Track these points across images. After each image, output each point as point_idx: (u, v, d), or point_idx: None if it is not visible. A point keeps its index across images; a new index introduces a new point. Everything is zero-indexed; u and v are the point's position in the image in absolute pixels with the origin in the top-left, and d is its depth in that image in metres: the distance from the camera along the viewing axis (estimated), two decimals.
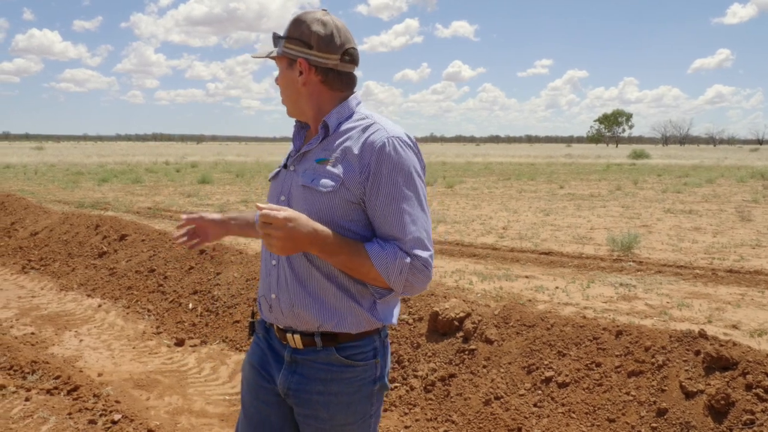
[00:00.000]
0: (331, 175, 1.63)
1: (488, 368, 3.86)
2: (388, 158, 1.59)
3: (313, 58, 1.70)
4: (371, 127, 1.65)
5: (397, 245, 1.58)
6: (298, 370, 1.73)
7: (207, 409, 4.06)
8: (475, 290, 6.51)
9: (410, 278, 1.58)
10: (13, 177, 23.77)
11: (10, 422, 3.78)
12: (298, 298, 1.68)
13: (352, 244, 1.59)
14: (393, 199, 1.59)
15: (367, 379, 1.72)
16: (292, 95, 1.76)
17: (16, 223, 10.05)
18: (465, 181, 24.61)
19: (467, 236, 10.35)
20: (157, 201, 15.39)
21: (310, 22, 1.69)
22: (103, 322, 5.84)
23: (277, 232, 1.50)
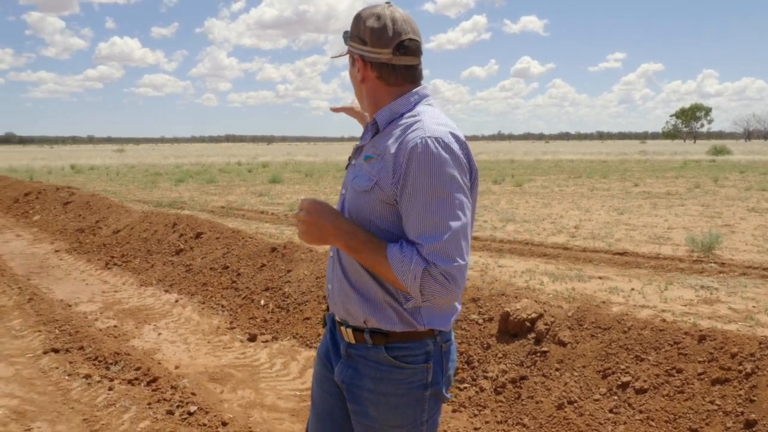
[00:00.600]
0: (368, 174, 1.62)
1: (561, 371, 3.76)
2: (417, 159, 1.52)
3: (367, 54, 1.68)
4: (413, 126, 1.59)
5: (417, 250, 1.51)
6: (352, 365, 1.73)
7: (278, 404, 4.13)
8: (546, 291, 6.36)
9: (426, 287, 1.49)
10: (97, 178, 25.00)
11: (95, 410, 3.97)
12: (345, 291, 1.71)
13: (375, 243, 1.57)
14: (416, 202, 1.52)
15: (417, 383, 1.68)
16: (356, 92, 1.79)
17: (100, 221, 10.56)
18: (534, 179, 24.15)
19: (537, 235, 10.14)
20: (230, 200, 15.83)
21: (366, 18, 1.68)
22: (180, 317, 6.05)
23: (302, 216, 1.57)
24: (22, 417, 3.83)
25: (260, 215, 12.59)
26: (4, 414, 3.85)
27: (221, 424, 3.74)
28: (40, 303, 6.27)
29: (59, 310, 6.06)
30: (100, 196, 13.03)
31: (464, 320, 4.53)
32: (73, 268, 8.29)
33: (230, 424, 3.75)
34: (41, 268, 8.23)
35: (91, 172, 30.27)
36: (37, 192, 14.50)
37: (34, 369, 4.62)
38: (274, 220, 11.80)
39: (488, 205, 14.71)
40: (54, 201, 13.19)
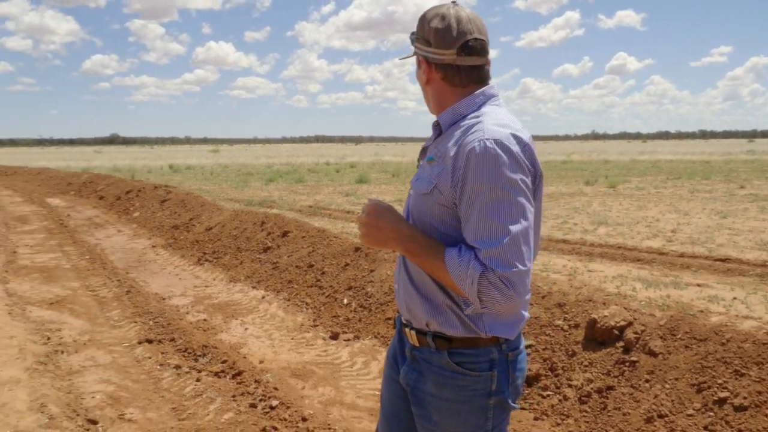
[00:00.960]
0: (429, 176, 1.61)
1: (651, 383, 3.56)
2: (475, 161, 1.47)
3: (431, 55, 1.65)
4: (473, 128, 1.55)
5: (474, 254, 1.46)
6: (416, 368, 1.73)
7: (357, 403, 4.15)
8: (638, 298, 6.06)
9: (484, 293, 1.43)
10: (193, 177, 26.16)
11: (183, 399, 4.13)
12: (409, 293, 1.70)
13: (433, 247, 1.54)
14: (474, 205, 1.47)
15: (480, 390, 1.64)
16: (423, 93, 1.76)
17: (194, 219, 11.03)
18: (629, 180, 23.15)
19: (631, 239, 9.70)
20: (317, 200, 16.14)
21: (431, 18, 1.65)
22: (266, 313, 6.21)
23: (363, 218, 1.59)
24: (117, 402, 4.04)
25: (346, 215, 12.75)
26: (101, 399, 4.07)
27: (301, 419, 3.80)
28: (137, 295, 6.61)
29: (154, 302, 6.36)
30: (194, 194, 13.62)
31: (549, 326, 4.38)
32: (168, 263, 8.70)
33: (310, 420, 3.80)
34: (139, 263, 8.69)
35: (187, 171, 31.73)
36: (137, 190, 15.35)
37: (129, 358, 4.87)
38: None
39: (579, 207, 14.23)
40: (152, 199, 13.92)
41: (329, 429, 3.71)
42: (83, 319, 5.89)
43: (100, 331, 5.53)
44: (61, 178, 23.33)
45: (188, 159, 50.99)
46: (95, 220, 13.15)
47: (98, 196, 16.99)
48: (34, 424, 3.45)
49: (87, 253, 9.22)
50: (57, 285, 7.21)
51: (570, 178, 24.12)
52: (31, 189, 21.34)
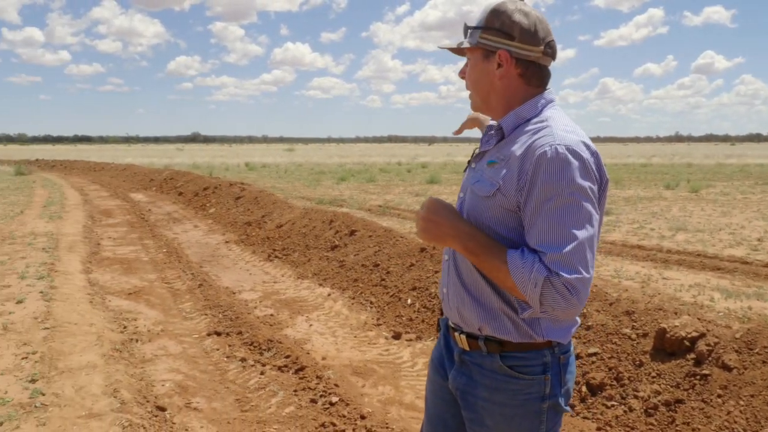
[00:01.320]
0: (491, 179, 1.58)
1: (724, 398, 3.38)
2: (545, 166, 1.46)
3: (515, 49, 1.60)
4: (541, 132, 1.53)
5: (539, 257, 1.43)
6: (465, 372, 1.71)
7: (416, 403, 4.14)
8: (716, 308, 5.78)
9: (546, 297, 1.41)
10: (268, 175, 26.86)
11: (247, 391, 4.24)
12: (460, 296, 1.67)
13: (495, 247, 1.51)
14: (542, 210, 1.45)
15: (534, 394, 1.62)
16: (483, 89, 1.68)
17: (265, 216, 11.31)
18: (713, 185, 22.09)
19: (711, 247, 9.26)
20: (387, 199, 16.23)
21: (512, 12, 1.61)
22: (331, 310, 6.29)
23: (422, 213, 1.58)
24: (185, 391, 4.19)
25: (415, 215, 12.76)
26: (170, 387, 4.24)
27: (360, 417, 3.83)
28: (209, 289, 6.84)
29: (224, 296, 6.57)
30: (267, 192, 13.96)
31: (616, 334, 4.24)
32: (240, 258, 8.95)
33: (368, 418, 3.82)
34: (212, 257, 8.99)
35: (262, 169, 32.59)
36: (213, 187, 15.88)
37: (198, 349, 5.04)
38: None
39: (658, 212, 13.70)
40: (227, 195, 14.37)
41: (387, 428, 3.72)
42: (158, 309, 6.15)
43: (173, 322, 5.76)
44: (144, 175, 24.44)
45: (264, 157, 52.35)
46: (174, 215, 13.70)
47: (177, 192, 17.69)
48: (107, 407, 3.63)
49: (164, 246, 9.63)
50: (135, 276, 7.56)
51: (649, 182, 23.25)
52: (117, 184, 22.47)
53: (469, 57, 1.71)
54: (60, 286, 6.41)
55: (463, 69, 1.74)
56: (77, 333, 4.94)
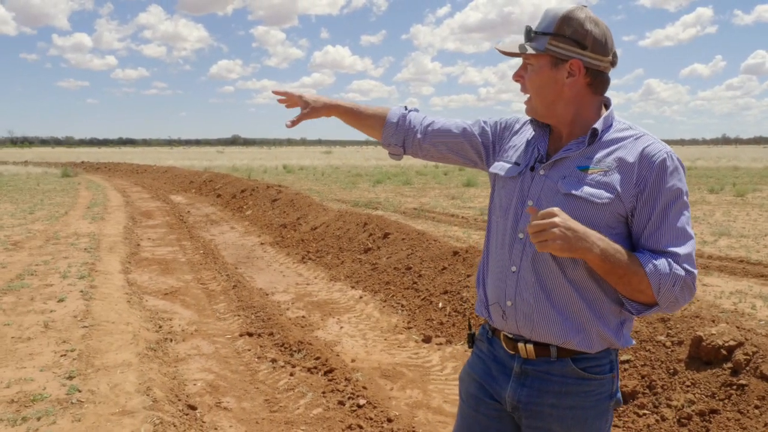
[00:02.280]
0: (605, 186, 1.56)
1: (762, 410, 3.27)
2: (667, 172, 1.53)
3: (586, 59, 1.59)
4: (644, 138, 1.59)
5: (670, 258, 1.51)
6: (527, 383, 1.67)
7: (444, 407, 4.12)
8: (757, 316, 5.60)
9: (680, 293, 1.50)
10: (305, 177, 27.09)
11: (276, 392, 4.28)
12: (540, 309, 1.62)
13: (625, 252, 1.52)
14: (670, 214, 1.53)
15: (604, 393, 1.65)
16: (549, 96, 1.64)
17: (300, 218, 11.42)
18: (761, 189, 21.42)
19: (756, 253, 8.98)
20: (422, 202, 16.20)
21: (583, 21, 1.58)
22: (362, 313, 6.31)
23: (559, 222, 1.46)
24: (215, 391, 4.25)
25: (450, 218, 12.71)
26: (201, 386, 4.31)
27: (387, 420, 3.83)
28: (243, 290, 6.94)
29: (257, 297, 6.65)
30: (303, 194, 14.09)
31: (650, 341, 4.15)
32: (274, 260, 9.05)
33: (395, 421, 3.82)
34: (248, 259, 9.11)
35: (300, 172, 32.88)
36: (251, 189, 16.10)
37: (231, 349, 5.11)
38: (463, 224, 11.84)
39: (700, 216, 13.35)
40: (264, 198, 14.55)
41: (413, 431, 3.71)
42: (192, 310, 6.26)
43: (207, 322, 5.85)
44: (184, 177, 24.93)
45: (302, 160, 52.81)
46: (212, 217, 13.94)
47: (216, 194, 17.99)
48: (140, 405, 3.71)
49: (201, 247, 9.79)
50: (172, 277, 7.71)
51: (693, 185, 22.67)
52: (158, 186, 22.96)
53: (532, 62, 1.66)
54: (100, 286, 6.58)
55: (519, 72, 1.70)
56: (114, 332, 5.06)
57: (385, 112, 1.99)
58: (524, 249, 1.65)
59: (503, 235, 1.72)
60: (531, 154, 1.72)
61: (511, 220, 1.70)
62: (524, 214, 1.66)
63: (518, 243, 1.67)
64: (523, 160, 1.73)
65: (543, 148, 1.70)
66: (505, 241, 1.71)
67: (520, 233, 1.67)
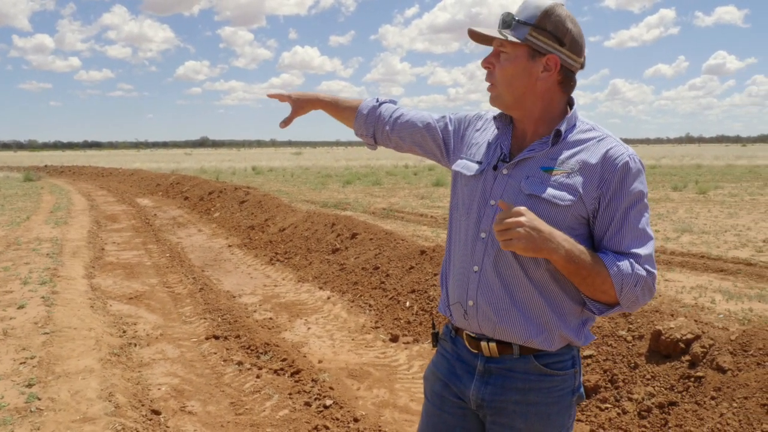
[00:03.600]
0: (568, 187, 1.56)
1: (717, 401, 3.35)
2: (630, 175, 1.55)
3: (563, 56, 1.59)
4: (607, 141, 1.59)
5: (632, 259, 1.53)
6: (491, 381, 1.67)
7: (410, 406, 4.13)
8: (716, 310, 5.73)
9: (641, 293, 1.52)
10: (274, 179, 26.92)
11: (242, 395, 4.25)
12: (502, 308, 1.62)
13: (589, 253, 1.52)
14: (632, 216, 1.55)
15: (567, 389, 1.66)
16: (520, 88, 1.61)
17: (269, 219, 11.35)
18: (722, 186, 21.94)
19: (716, 248, 9.19)
20: (392, 202, 16.21)
21: (564, 18, 1.58)
22: (330, 313, 6.29)
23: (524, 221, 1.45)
24: (180, 395, 4.21)
25: (419, 218, 12.74)
26: (166, 391, 4.26)
27: (353, 419, 3.83)
28: (209, 293, 6.87)
29: (224, 300, 6.59)
30: (271, 196, 14.00)
31: (611, 336, 4.22)
32: (242, 262, 8.98)
33: (362, 420, 3.82)
34: (215, 261, 9.02)
35: (269, 173, 32.66)
36: (218, 191, 15.95)
37: (196, 352, 5.06)
38: (431, 223, 11.88)
39: (663, 213, 13.62)
40: (232, 200, 14.42)
41: (379, 431, 3.71)
42: (158, 314, 6.17)
43: (172, 326, 5.78)
44: (151, 179, 24.58)
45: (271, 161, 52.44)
46: (178, 220, 13.77)
47: (183, 196, 17.78)
48: (101, 411, 3.64)
49: (168, 251, 9.67)
50: (137, 281, 7.60)
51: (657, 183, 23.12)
52: (124, 189, 22.61)
53: (508, 50, 1.62)
54: (62, 291, 6.45)
55: (490, 59, 1.65)
56: (76, 338, 4.97)
57: (359, 103, 2.07)
58: (486, 248, 1.64)
59: (465, 234, 1.70)
60: (494, 153, 1.70)
61: (474, 219, 1.68)
62: (486, 214, 1.65)
63: (480, 242, 1.65)
64: (485, 159, 1.71)
65: (506, 147, 1.68)
66: (467, 240, 1.69)
67: (482, 232, 1.65)
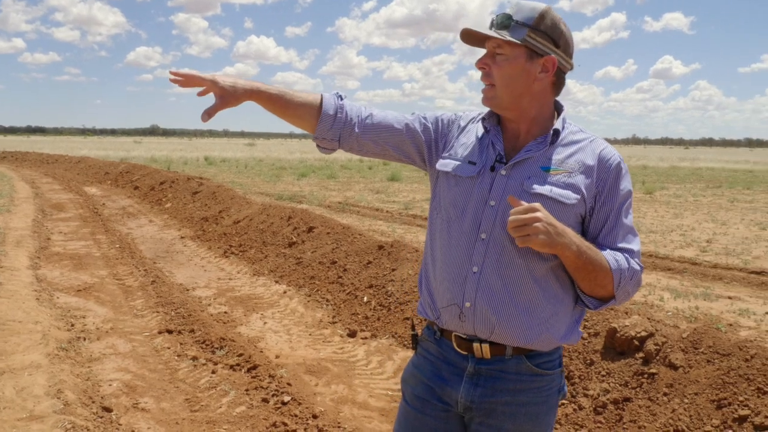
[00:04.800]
0: (572, 187, 1.60)
1: (670, 396, 3.45)
2: (623, 175, 1.63)
3: (559, 58, 1.62)
4: (597, 142, 1.66)
5: (627, 255, 1.60)
6: (480, 382, 1.67)
7: (369, 402, 4.12)
8: (665, 308, 5.90)
9: (633, 287, 1.60)
10: (227, 170, 26.48)
11: (198, 391, 4.16)
12: (503, 310, 1.60)
13: (594, 249, 1.57)
14: (623, 213, 1.61)
15: (554, 388, 1.69)
16: (518, 88, 1.62)
17: (223, 211, 11.14)
18: (667, 187, 22.66)
19: (663, 248, 9.47)
20: (347, 196, 16.16)
21: (558, 21, 1.61)
22: (286, 308, 6.22)
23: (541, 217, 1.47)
24: (133, 391, 4.09)
25: (375, 212, 12.74)
26: (117, 387, 4.13)
27: (312, 416, 3.79)
28: (162, 285, 6.70)
29: (177, 293, 6.44)
30: (225, 187, 13.76)
31: None
32: (195, 254, 8.80)
33: (320, 417, 3.78)
34: (167, 253, 8.81)
35: (222, 164, 32.12)
36: (170, 181, 15.58)
37: (149, 347, 4.92)
38: (387, 218, 11.89)
39: None
40: (184, 190, 14.11)
41: (339, 427, 3.69)
42: (108, 307, 5.99)
43: (123, 319, 5.61)
44: (99, 168, 23.85)
45: (224, 152, 51.59)
46: (129, 210, 13.40)
47: (133, 186, 17.32)
48: (50, 409, 3.51)
49: (118, 242, 9.39)
50: (86, 273, 7.35)
51: None
52: (71, 177, 21.87)
53: (506, 51, 1.62)
54: (5, 282, 6.19)
55: (485, 60, 1.64)
56: (21, 331, 4.77)
57: (316, 100, 1.74)
58: (487, 249, 1.62)
59: (459, 236, 1.66)
60: (487, 154, 1.68)
61: (470, 221, 1.65)
62: (486, 215, 1.62)
63: (480, 243, 1.63)
64: (479, 159, 1.68)
65: (500, 147, 1.67)
66: (462, 242, 1.65)
67: (482, 233, 1.62)
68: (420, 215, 12.08)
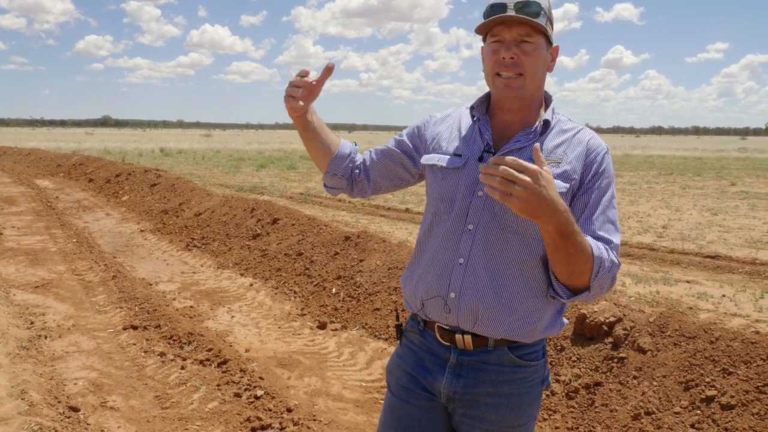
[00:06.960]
0: (561, 176, 1.58)
1: (639, 380, 3.54)
2: (608, 166, 1.62)
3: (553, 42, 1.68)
4: (584, 132, 1.66)
5: (606, 245, 1.55)
6: (463, 373, 1.66)
7: (343, 394, 4.11)
8: (627, 293, 6.05)
9: (609, 280, 1.54)
10: (184, 161, 25.98)
11: (167, 387, 4.08)
12: (488, 300, 1.60)
13: (579, 229, 1.47)
14: (606, 203, 1.59)
15: (537, 379, 1.68)
16: (540, 78, 1.65)
17: (183, 204, 10.93)
18: (621, 175, 23.19)
19: (622, 234, 9.68)
20: (309, 187, 16.04)
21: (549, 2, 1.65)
22: (254, 301, 6.15)
23: (528, 182, 1.32)
24: (99, 390, 3.98)
25: (337, 203, 12.67)
26: (83, 386, 4.02)
27: (286, 410, 3.75)
28: (123, 280, 6.54)
29: (140, 288, 6.29)
30: (184, 179, 13.49)
31: None
32: (156, 248, 8.61)
33: (295, 410, 3.75)
34: (126, 247, 8.60)
35: (179, 155, 31.50)
36: (127, 173, 15.20)
37: (114, 344, 4.80)
38: (350, 209, 11.85)
39: None
40: (142, 182, 13.78)
41: (314, 420, 3.67)
42: (68, 303, 5.82)
43: (85, 316, 5.46)
44: (50, 160, 23.09)
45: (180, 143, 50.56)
46: (84, 203, 13.02)
47: (88, 178, 16.83)
48: (14, 410, 3.39)
49: (74, 236, 9.13)
50: (43, 268, 7.13)
51: None
52: (20, 170, 21.12)
53: (534, 40, 1.59)
54: None
55: (513, 49, 1.58)
56: None
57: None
58: (474, 240, 1.61)
59: (446, 227, 1.66)
60: (474, 144, 1.67)
61: (457, 211, 1.64)
62: (474, 206, 1.62)
63: (467, 234, 1.62)
64: (465, 151, 1.67)
65: (488, 137, 1.66)
66: (449, 232, 1.65)
67: (469, 224, 1.62)
68: (383, 206, 12.09)
